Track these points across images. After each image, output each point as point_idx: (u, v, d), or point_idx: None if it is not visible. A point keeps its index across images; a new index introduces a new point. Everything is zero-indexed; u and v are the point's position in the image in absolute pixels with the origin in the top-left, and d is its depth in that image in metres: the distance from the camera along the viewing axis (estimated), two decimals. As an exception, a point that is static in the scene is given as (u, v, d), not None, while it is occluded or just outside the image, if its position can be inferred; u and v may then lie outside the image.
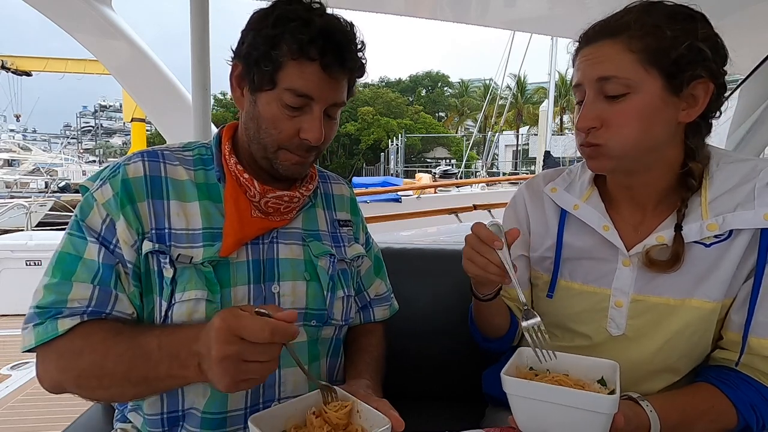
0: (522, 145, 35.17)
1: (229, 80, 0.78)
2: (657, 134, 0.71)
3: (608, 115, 0.71)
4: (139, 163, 0.75)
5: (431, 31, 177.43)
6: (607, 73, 0.70)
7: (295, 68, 0.71)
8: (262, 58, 0.72)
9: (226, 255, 0.74)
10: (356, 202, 1.00)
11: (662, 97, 0.69)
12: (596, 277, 0.81)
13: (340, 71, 0.74)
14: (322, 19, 0.71)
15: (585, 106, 0.73)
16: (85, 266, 0.69)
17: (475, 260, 0.73)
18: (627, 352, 0.78)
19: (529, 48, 17.24)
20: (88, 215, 0.72)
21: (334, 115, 0.79)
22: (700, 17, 0.70)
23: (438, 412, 1.17)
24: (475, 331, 0.97)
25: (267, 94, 0.73)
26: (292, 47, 0.70)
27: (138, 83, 2.35)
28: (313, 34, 0.70)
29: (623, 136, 0.70)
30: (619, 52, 0.69)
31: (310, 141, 0.74)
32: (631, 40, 0.69)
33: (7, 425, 2.23)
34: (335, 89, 0.75)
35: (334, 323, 0.85)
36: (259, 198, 0.78)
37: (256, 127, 0.76)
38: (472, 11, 2.03)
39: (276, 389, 0.78)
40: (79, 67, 15.08)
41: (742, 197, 0.72)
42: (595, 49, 0.72)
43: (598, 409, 0.56)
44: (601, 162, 0.75)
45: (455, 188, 10.46)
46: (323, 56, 0.71)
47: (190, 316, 0.71)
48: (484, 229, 0.73)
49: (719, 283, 0.72)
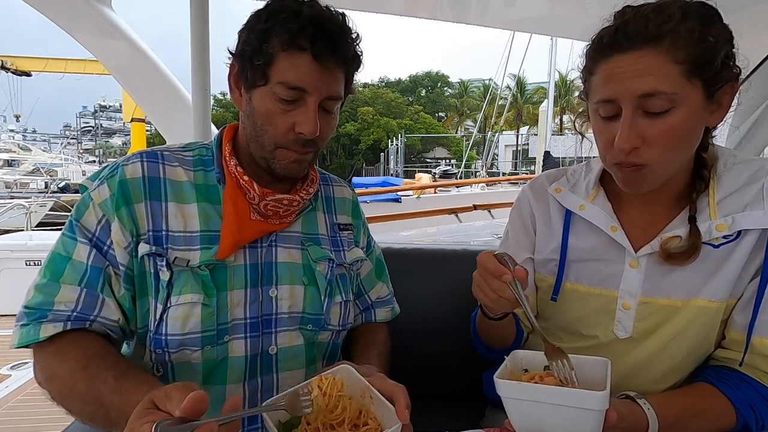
0: (522, 145, 35.14)
1: (228, 81, 0.78)
2: (694, 145, 0.70)
3: (651, 132, 0.65)
4: (138, 164, 0.74)
5: (431, 31, 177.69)
6: (652, 89, 0.63)
7: (287, 60, 0.70)
8: (255, 53, 0.71)
9: (222, 258, 0.74)
10: (358, 205, 0.99)
11: (702, 106, 0.66)
12: (602, 279, 0.80)
13: (333, 60, 0.72)
14: (312, 9, 0.71)
15: (624, 125, 0.66)
16: (73, 268, 0.69)
17: (485, 292, 0.71)
18: (631, 353, 0.78)
19: (529, 48, 17.25)
20: (84, 215, 0.71)
21: (332, 109, 0.77)
22: (722, 18, 0.67)
23: (438, 412, 1.17)
24: (478, 343, 0.95)
25: (261, 90, 0.73)
26: (283, 38, 0.69)
27: (138, 83, 2.34)
28: (303, 23, 0.69)
29: (668, 155, 0.67)
30: (665, 64, 0.63)
31: (305, 134, 0.73)
32: (675, 48, 0.62)
33: (7, 425, 2.23)
34: (329, 81, 0.73)
35: (331, 328, 0.84)
36: (258, 200, 0.77)
37: (252, 125, 0.75)
38: (472, 11, 2.02)
39: (274, 393, 0.78)
40: (79, 67, 15.08)
41: (750, 197, 0.71)
42: (635, 60, 0.64)
43: (588, 406, 0.56)
44: (640, 184, 0.71)
45: (455, 188, 10.44)
46: (314, 45, 0.69)
47: (186, 319, 0.71)
48: (492, 262, 0.69)
49: (725, 282, 0.72)
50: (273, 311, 0.79)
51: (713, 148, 0.76)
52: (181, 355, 0.73)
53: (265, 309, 0.78)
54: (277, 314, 0.79)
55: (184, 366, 0.74)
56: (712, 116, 0.69)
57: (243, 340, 0.76)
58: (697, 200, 0.74)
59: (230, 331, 0.75)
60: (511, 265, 0.69)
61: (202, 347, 0.73)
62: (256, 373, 0.78)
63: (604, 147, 0.71)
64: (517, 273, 0.68)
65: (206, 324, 0.72)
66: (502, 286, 0.68)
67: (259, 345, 0.77)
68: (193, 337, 0.72)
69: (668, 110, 0.64)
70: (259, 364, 0.78)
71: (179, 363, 0.74)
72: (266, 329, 0.78)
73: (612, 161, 0.71)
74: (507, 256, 0.70)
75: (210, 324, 0.73)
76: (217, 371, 0.75)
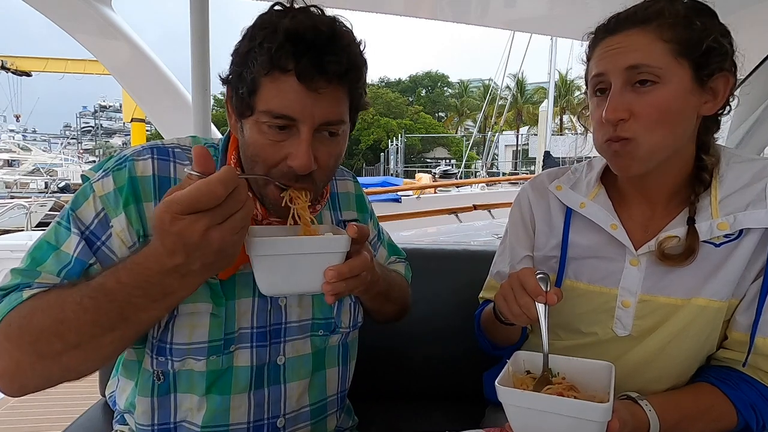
0: (522, 145, 35.18)
1: (226, 108, 0.72)
2: (684, 128, 0.71)
3: (638, 106, 0.68)
4: (149, 161, 0.70)
5: (431, 31, 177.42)
6: (638, 62, 0.67)
7: (270, 85, 0.62)
8: (238, 80, 0.64)
9: (224, 278, 0.71)
10: (363, 196, 0.95)
11: (690, 88, 0.68)
12: (602, 276, 0.80)
13: (323, 80, 0.61)
14: (291, 21, 0.61)
15: (613, 96, 0.69)
16: (57, 258, 0.63)
17: (510, 305, 0.71)
18: (631, 352, 0.78)
19: (529, 48, 17.27)
20: (81, 206, 0.66)
21: (336, 131, 0.67)
22: (715, 13, 0.70)
23: (438, 412, 1.17)
24: (483, 340, 0.95)
25: (249, 121, 0.66)
26: (262, 60, 0.60)
27: (138, 83, 2.35)
28: (280, 40, 0.59)
29: (654, 130, 0.68)
30: (651, 41, 0.67)
31: (296, 169, 0.64)
32: (662, 29, 0.67)
33: (7, 425, 2.23)
34: (323, 104, 0.63)
35: (342, 330, 0.83)
36: (261, 218, 0.73)
37: (245, 158, 0.69)
38: (472, 11, 2.03)
39: (282, 404, 0.77)
40: (79, 67, 15.11)
41: (753, 196, 0.71)
42: (623, 38, 0.69)
43: (591, 417, 0.56)
44: (629, 162, 0.72)
45: (455, 188, 10.45)
46: (297, 63, 0.60)
47: (193, 329, 0.69)
48: (532, 280, 0.68)
49: (727, 282, 0.72)
50: (282, 320, 0.77)
51: (715, 148, 0.76)
52: (185, 364, 0.71)
53: (274, 318, 0.76)
54: (286, 323, 0.77)
55: (187, 374, 0.72)
56: (706, 105, 0.70)
57: (249, 350, 0.74)
58: (699, 199, 0.74)
59: (236, 341, 0.73)
60: (546, 287, 0.68)
61: (208, 357, 0.71)
62: (263, 384, 0.76)
63: (596, 126, 0.74)
64: (549, 297, 0.67)
65: (214, 334, 0.70)
66: (530, 304, 0.68)
67: (267, 355, 0.75)
68: (199, 347, 0.70)
69: (655, 84, 0.67)
70: (266, 375, 0.76)
71: (182, 371, 0.72)
72: (275, 339, 0.76)
73: (603, 139, 0.72)
74: (547, 276, 0.69)
75: (218, 334, 0.71)
76: (222, 381, 0.73)
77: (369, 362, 0.99)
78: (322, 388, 0.83)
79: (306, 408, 0.81)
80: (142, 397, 0.72)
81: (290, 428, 0.79)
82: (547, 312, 0.68)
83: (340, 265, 0.62)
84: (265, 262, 0.61)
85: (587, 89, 0.78)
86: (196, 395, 0.72)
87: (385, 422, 1.11)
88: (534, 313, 0.68)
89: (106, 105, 64.24)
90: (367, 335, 0.93)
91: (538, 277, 0.68)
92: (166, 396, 0.72)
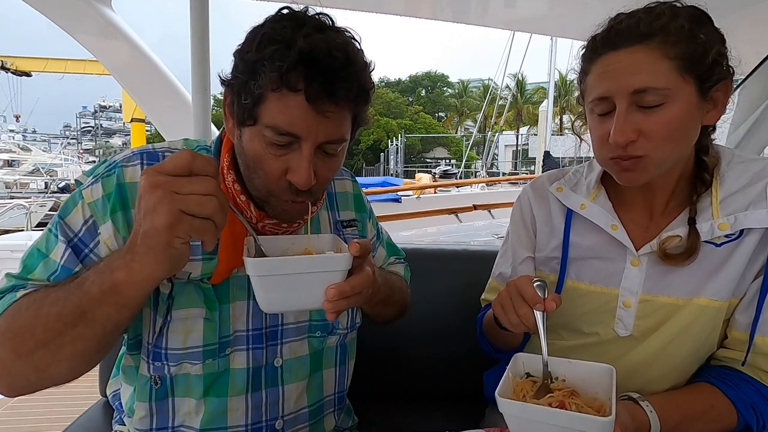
0: (522, 145, 35.18)
1: (222, 110, 0.71)
2: (690, 138, 0.71)
3: (646, 126, 0.67)
4: (138, 167, 0.69)
5: (431, 31, 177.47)
6: (644, 85, 0.65)
7: (277, 101, 0.61)
8: (242, 89, 0.63)
9: (217, 282, 0.71)
10: (361, 196, 0.94)
11: (696, 103, 0.67)
12: (604, 276, 0.81)
13: (331, 104, 0.62)
14: (306, 41, 0.59)
15: (619, 119, 0.67)
16: (45, 266, 0.65)
17: (508, 314, 0.70)
18: (632, 352, 0.78)
19: (529, 48, 17.27)
20: (70, 213, 0.67)
21: (334, 151, 0.68)
22: (711, 19, 0.69)
23: (438, 412, 1.17)
24: (485, 343, 0.94)
25: (250, 130, 0.65)
26: (272, 76, 0.60)
27: (138, 83, 2.35)
28: (294, 60, 0.59)
29: (665, 147, 0.68)
30: (656, 60, 0.65)
31: (297, 185, 0.65)
32: (666, 45, 0.65)
33: (7, 425, 2.23)
34: (328, 125, 0.63)
35: (339, 332, 0.83)
36: (255, 221, 0.72)
37: (244, 165, 0.69)
38: (472, 11, 2.03)
39: (279, 406, 0.77)
40: (79, 68, 15.10)
41: (753, 196, 0.72)
42: (626, 56, 0.66)
43: (594, 431, 0.56)
44: (639, 175, 0.71)
45: (455, 188, 10.44)
46: (308, 85, 0.60)
47: (187, 334, 0.69)
48: (530, 289, 0.68)
49: (727, 281, 0.72)
50: (279, 322, 0.77)
51: (715, 149, 0.76)
52: (181, 368, 0.71)
53: (270, 320, 0.76)
54: (283, 325, 0.77)
55: (184, 378, 0.72)
56: (708, 115, 0.70)
57: (245, 352, 0.74)
58: (700, 200, 0.74)
59: (232, 344, 0.73)
60: (544, 294, 0.67)
61: (203, 361, 0.71)
62: (260, 386, 0.76)
63: (599, 143, 0.73)
64: (547, 305, 0.67)
65: (208, 338, 0.71)
66: (529, 314, 0.67)
67: (263, 357, 0.76)
68: (194, 352, 0.70)
69: (662, 105, 0.66)
70: (264, 377, 0.76)
71: (178, 375, 0.72)
72: (271, 341, 0.76)
73: (608, 156, 0.72)
74: (544, 283, 0.69)
75: (212, 338, 0.71)
76: (218, 384, 0.73)
77: (369, 362, 0.99)
78: (321, 388, 0.83)
79: (304, 409, 0.81)
80: (141, 402, 0.72)
81: (289, 429, 0.79)
82: (545, 318, 0.67)
83: (341, 284, 0.61)
84: (266, 281, 0.60)
85: (582, 99, 0.76)
86: (194, 398, 0.72)
87: (385, 422, 1.11)
88: (533, 322, 0.67)
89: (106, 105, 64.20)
90: (366, 335, 0.94)
91: (536, 285, 0.68)
92: (164, 400, 0.73)
